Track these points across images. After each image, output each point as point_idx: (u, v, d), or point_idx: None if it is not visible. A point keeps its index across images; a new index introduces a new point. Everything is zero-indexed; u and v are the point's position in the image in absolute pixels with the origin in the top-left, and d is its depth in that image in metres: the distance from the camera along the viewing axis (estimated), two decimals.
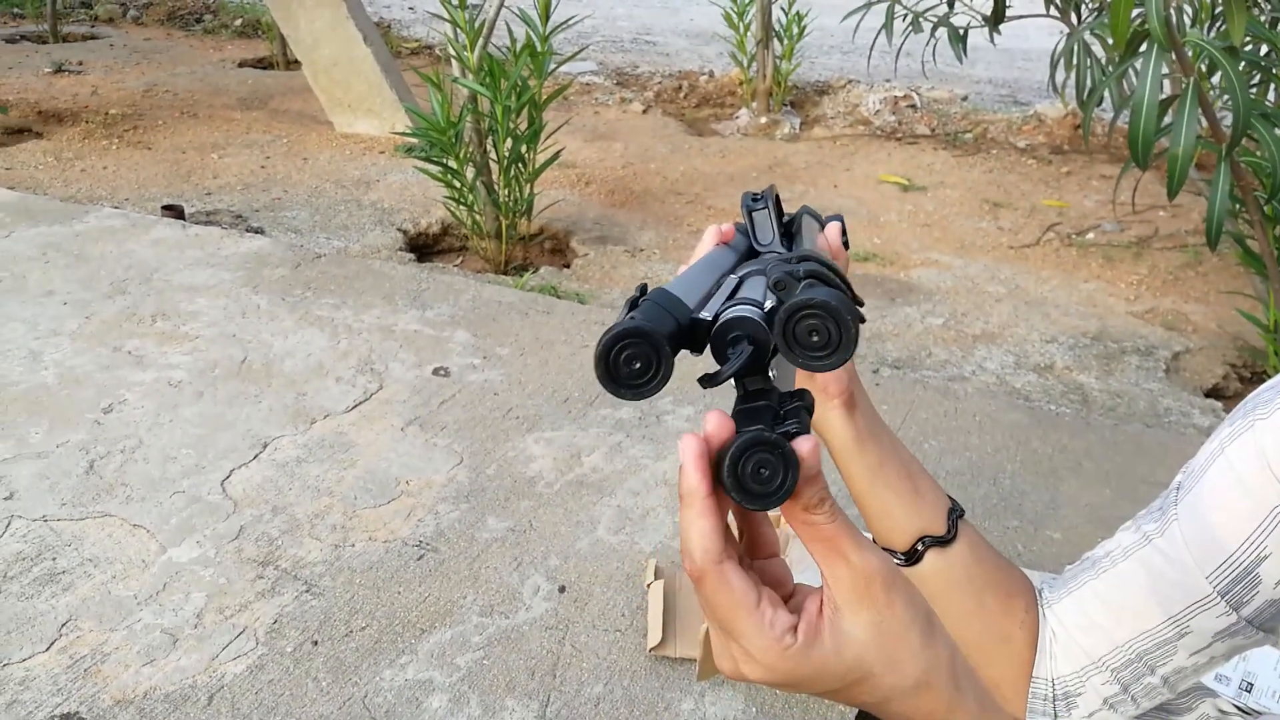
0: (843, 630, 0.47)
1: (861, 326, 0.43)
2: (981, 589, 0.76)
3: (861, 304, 0.46)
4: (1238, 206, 2.49)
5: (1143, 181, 3.83)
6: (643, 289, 0.46)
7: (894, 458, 0.74)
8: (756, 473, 0.42)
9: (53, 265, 2.94)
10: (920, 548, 0.74)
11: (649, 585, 1.70)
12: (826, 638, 0.46)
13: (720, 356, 0.45)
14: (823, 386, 0.69)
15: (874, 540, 0.77)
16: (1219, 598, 0.68)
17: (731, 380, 0.44)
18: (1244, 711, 0.82)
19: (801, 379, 0.69)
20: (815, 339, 0.40)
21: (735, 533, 0.50)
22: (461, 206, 3.28)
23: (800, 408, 0.45)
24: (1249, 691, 1.35)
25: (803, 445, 0.43)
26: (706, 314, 0.46)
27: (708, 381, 0.44)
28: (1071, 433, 2.28)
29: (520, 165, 3.30)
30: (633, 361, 0.40)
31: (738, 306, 0.46)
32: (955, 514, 0.75)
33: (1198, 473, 0.71)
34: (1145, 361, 2.78)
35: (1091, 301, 3.18)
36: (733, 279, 0.57)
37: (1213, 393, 2.67)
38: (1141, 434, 2.31)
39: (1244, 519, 0.66)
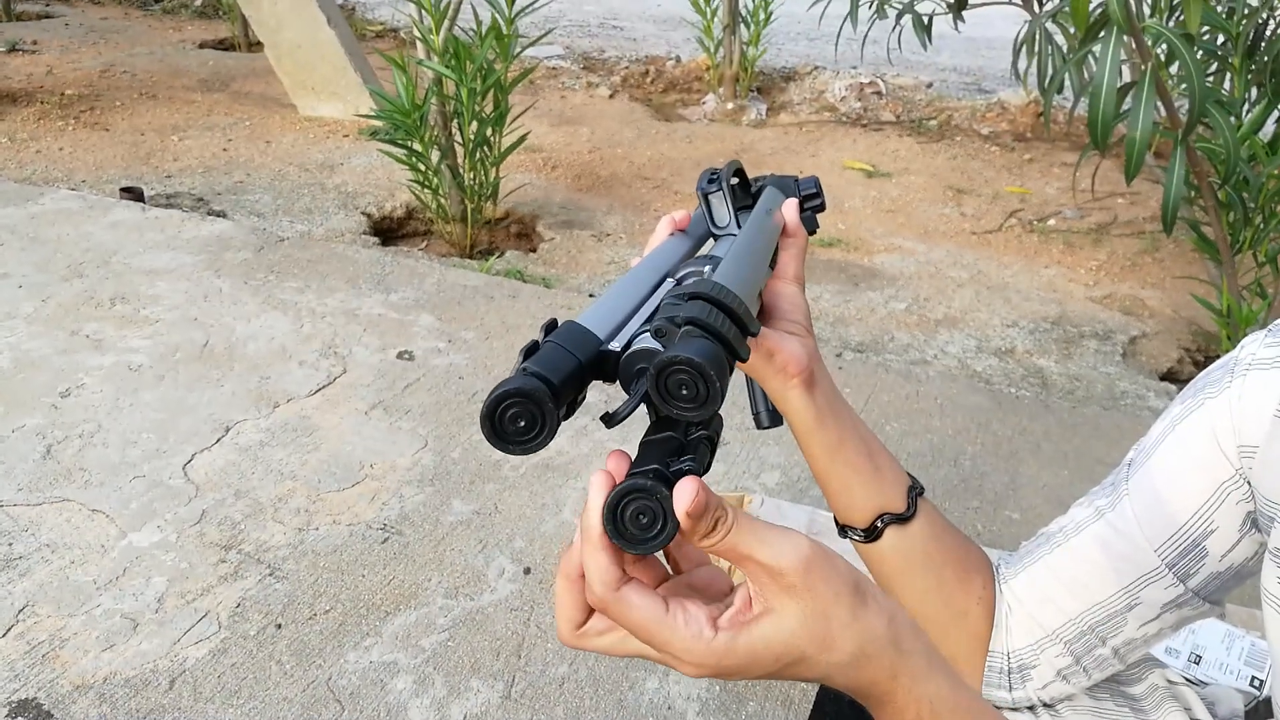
0: (768, 621, 0.47)
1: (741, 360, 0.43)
2: (940, 565, 0.77)
3: (755, 332, 0.46)
4: (1193, 193, 2.53)
5: (1102, 169, 3.89)
6: (550, 325, 0.45)
7: (854, 436, 0.74)
8: (635, 519, 0.43)
9: (7, 248, 2.89)
10: (880, 524, 0.75)
11: None
12: (753, 629, 0.47)
13: (628, 388, 0.45)
14: (782, 366, 0.68)
15: (835, 518, 0.78)
16: (1167, 570, 0.70)
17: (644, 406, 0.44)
18: (1191, 682, 0.85)
19: (760, 356, 0.69)
20: (685, 392, 0.40)
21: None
22: (426, 190, 3.26)
23: (702, 439, 0.45)
24: (1197, 664, 1.38)
25: (682, 493, 0.43)
26: (617, 344, 0.46)
27: (609, 421, 0.44)
28: (1031, 415, 2.32)
29: (486, 149, 3.28)
30: (517, 420, 0.40)
31: (644, 337, 0.46)
32: (915, 491, 0.76)
33: (1149, 450, 0.72)
34: (1103, 345, 2.83)
35: (1052, 287, 3.22)
36: (669, 284, 0.57)
37: (1168, 376, 2.73)
38: (1099, 416, 2.35)
39: (1193, 494, 0.68)
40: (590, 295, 2.90)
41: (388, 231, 3.51)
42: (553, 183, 3.97)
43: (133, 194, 3.39)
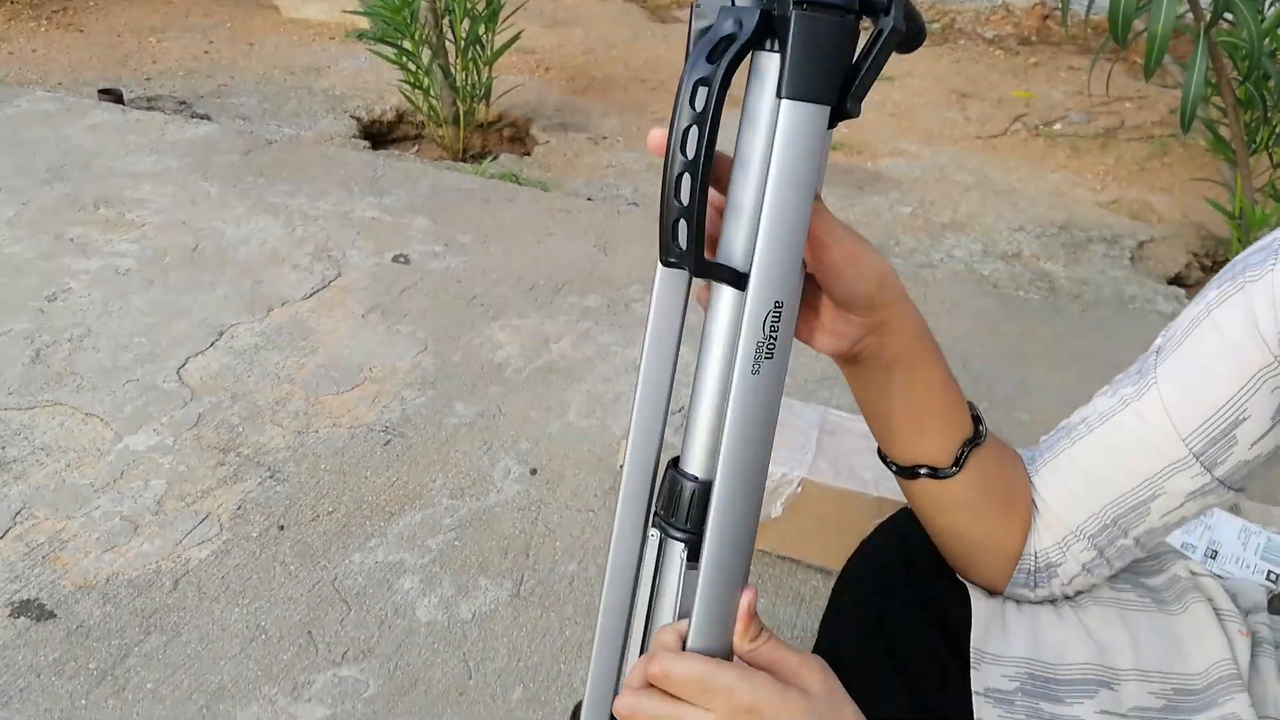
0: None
1: None
2: (983, 510, 0.74)
3: None
4: (1209, 90, 2.46)
5: (1111, 72, 3.78)
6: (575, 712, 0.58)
7: (902, 400, 0.70)
8: None
9: None
10: (919, 471, 0.73)
11: (621, 466, 1.69)
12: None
13: None
14: (822, 346, 0.67)
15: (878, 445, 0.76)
16: (1194, 459, 0.68)
17: None
18: (1213, 575, 0.83)
19: (804, 327, 0.66)
20: None
21: None
22: (417, 91, 3.15)
23: None
24: (1214, 559, 1.37)
25: (746, 597, 0.58)
26: None
27: None
28: (1039, 318, 2.29)
29: (478, 48, 3.16)
30: None
31: None
32: (970, 444, 0.72)
33: (1180, 336, 0.69)
34: (1111, 250, 2.78)
35: (1058, 191, 3.16)
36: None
37: (1175, 280, 2.69)
38: (1108, 319, 2.32)
39: (1227, 382, 0.66)
40: (589, 199, 2.83)
41: (378, 135, 3.41)
42: (546, 85, 3.85)
43: (111, 95, 3.27)
